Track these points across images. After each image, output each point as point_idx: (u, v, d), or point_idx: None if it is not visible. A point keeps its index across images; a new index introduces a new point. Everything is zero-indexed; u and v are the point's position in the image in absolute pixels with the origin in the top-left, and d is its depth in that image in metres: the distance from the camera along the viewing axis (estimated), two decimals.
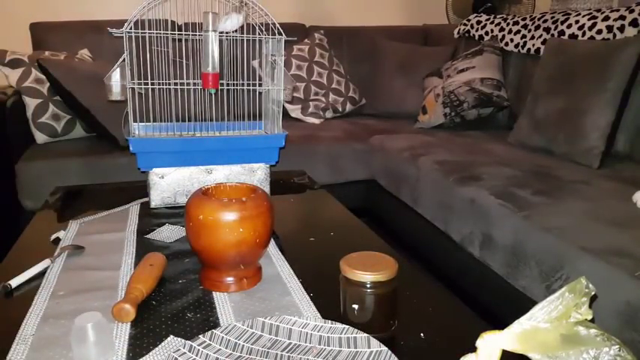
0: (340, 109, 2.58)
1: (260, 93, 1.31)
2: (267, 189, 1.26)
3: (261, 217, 0.79)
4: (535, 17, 2.20)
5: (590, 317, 0.45)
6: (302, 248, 0.99)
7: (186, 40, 2.18)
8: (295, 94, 2.48)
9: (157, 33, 1.20)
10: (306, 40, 2.59)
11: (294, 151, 2.02)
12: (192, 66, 2.22)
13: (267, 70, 1.27)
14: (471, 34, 2.56)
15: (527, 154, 1.79)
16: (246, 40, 1.26)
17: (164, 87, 1.20)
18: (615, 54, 1.63)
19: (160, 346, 0.67)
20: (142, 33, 1.14)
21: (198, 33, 1.17)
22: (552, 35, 2.06)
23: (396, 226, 2.03)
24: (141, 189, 1.32)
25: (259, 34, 1.22)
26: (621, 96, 1.61)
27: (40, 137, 2.01)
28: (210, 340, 0.65)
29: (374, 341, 0.64)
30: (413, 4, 3.19)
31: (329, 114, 2.54)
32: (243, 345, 0.66)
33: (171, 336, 0.69)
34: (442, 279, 1.69)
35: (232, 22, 1.15)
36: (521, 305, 1.29)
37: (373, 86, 2.68)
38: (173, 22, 2.37)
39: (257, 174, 1.24)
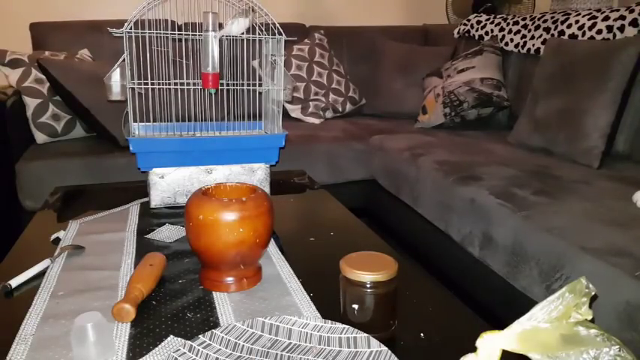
0: (340, 109, 2.58)
1: (260, 93, 1.31)
2: (267, 189, 1.26)
3: (261, 217, 0.79)
4: (535, 17, 2.20)
5: (590, 317, 0.45)
6: (302, 248, 0.99)
7: (186, 40, 2.18)
8: (295, 94, 2.48)
9: (157, 33, 1.20)
10: (306, 40, 2.59)
11: (294, 151, 2.02)
12: (192, 66, 2.22)
13: (267, 70, 1.27)
14: (471, 34, 2.56)
15: (527, 154, 1.79)
16: (246, 40, 1.26)
17: (164, 87, 1.20)
18: (615, 54, 1.63)
19: (160, 346, 0.67)
20: (142, 33, 1.14)
21: (198, 33, 1.17)
22: (552, 35, 2.06)
23: (396, 226, 2.03)
24: (141, 189, 1.32)
25: (259, 34, 1.22)
26: (621, 96, 1.61)
27: (40, 137, 2.01)
28: (210, 340, 0.65)
29: (374, 341, 0.64)
30: (413, 4, 3.19)
31: (329, 114, 2.54)
32: (243, 345, 0.66)
33: (171, 336, 0.69)
34: (442, 279, 1.69)
35: (239, 27, 1.15)
36: (521, 305, 1.29)
37: (373, 86, 2.68)
38: (173, 22, 2.37)
39: (257, 174, 1.25)
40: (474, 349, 0.49)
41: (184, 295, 0.80)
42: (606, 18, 1.85)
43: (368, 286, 0.66)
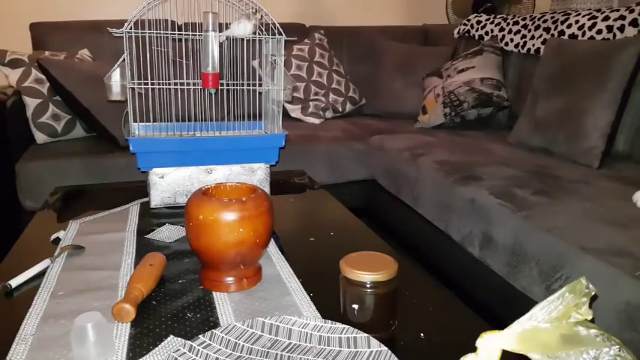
0: (340, 109, 2.58)
1: (260, 93, 1.31)
2: (267, 189, 1.26)
3: (261, 217, 0.79)
4: (535, 17, 2.20)
5: (590, 317, 0.45)
6: (302, 248, 0.99)
7: (186, 40, 2.18)
8: (295, 94, 2.48)
9: (157, 33, 1.20)
10: (306, 40, 2.59)
11: (294, 151, 2.02)
12: (192, 66, 2.22)
13: (267, 70, 1.27)
14: (471, 34, 2.56)
15: (527, 154, 1.79)
16: (246, 40, 1.26)
17: (164, 87, 1.20)
18: (615, 54, 1.63)
19: (160, 346, 0.67)
20: (142, 33, 1.14)
21: (198, 33, 1.17)
22: (552, 35, 2.06)
23: (396, 226, 2.03)
24: (141, 189, 1.32)
25: (259, 34, 1.22)
26: (621, 96, 1.61)
27: (40, 137, 2.01)
28: (210, 340, 0.65)
29: (374, 341, 0.64)
30: (413, 4, 3.19)
31: (329, 114, 2.54)
32: (243, 345, 0.66)
33: (171, 336, 0.69)
34: (442, 279, 1.69)
35: (244, 29, 1.15)
36: (521, 305, 1.29)
37: (373, 86, 2.68)
38: (173, 22, 2.37)
39: (257, 174, 1.25)
40: (474, 349, 0.49)
41: (184, 295, 0.80)
42: (606, 18, 1.85)
43: (368, 286, 0.66)
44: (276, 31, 1.18)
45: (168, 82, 1.21)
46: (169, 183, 1.18)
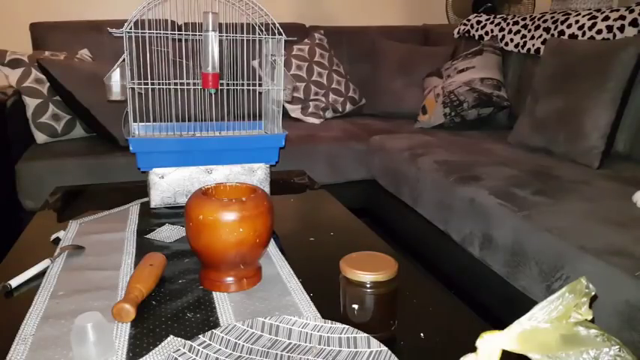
0: (340, 109, 2.57)
1: (260, 93, 1.31)
2: (267, 189, 1.26)
3: (261, 217, 0.79)
4: (535, 17, 2.20)
5: (590, 317, 0.44)
6: (302, 248, 0.99)
7: (186, 40, 2.18)
8: (295, 94, 2.48)
9: (157, 33, 1.20)
10: (306, 40, 2.59)
11: (294, 151, 2.02)
12: (192, 66, 2.22)
13: (267, 70, 1.27)
14: (471, 34, 2.56)
15: (527, 154, 1.79)
16: (246, 40, 1.26)
17: (164, 87, 1.20)
18: (615, 54, 1.63)
19: (160, 346, 0.67)
20: (142, 33, 1.14)
21: (198, 33, 1.17)
22: (552, 35, 2.06)
23: (396, 226, 2.03)
24: (141, 189, 1.32)
25: (259, 34, 1.22)
26: (621, 96, 1.61)
27: (40, 137, 2.01)
28: (210, 340, 0.65)
29: (374, 341, 0.64)
30: (413, 4, 3.19)
31: (329, 114, 2.54)
32: (243, 345, 0.66)
33: (171, 336, 0.69)
34: (442, 279, 1.69)
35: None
36: (521, 305, 1.29)
37: (373, 86, 2.68)
38: (173, 22, 2.37)
39: (257, 174, 1.24)
40: (474, 349, 0.49)
41: (184, 295, 0.80)
42: (606, 18, 1.85)
43: (368, 286, 0.66)
44: (276, 31, 1.18)
45: (168, 82, 1.21)
46: (169, 183, 1.18)
